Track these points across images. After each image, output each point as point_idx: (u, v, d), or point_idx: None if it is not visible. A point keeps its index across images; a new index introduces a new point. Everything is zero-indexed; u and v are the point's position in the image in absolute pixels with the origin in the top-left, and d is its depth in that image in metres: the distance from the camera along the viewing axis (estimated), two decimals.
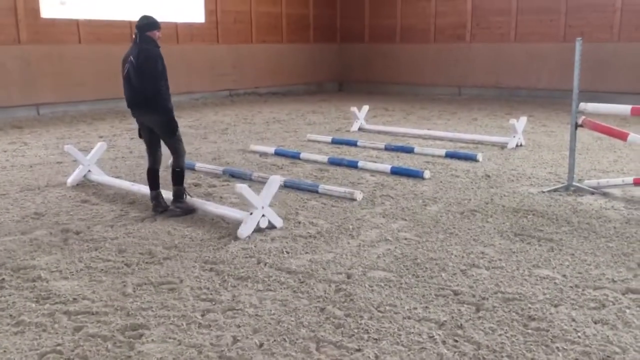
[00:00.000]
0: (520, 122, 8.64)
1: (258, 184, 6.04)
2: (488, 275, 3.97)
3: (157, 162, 5.49)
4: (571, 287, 3.77)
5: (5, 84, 11.50)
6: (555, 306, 3.50)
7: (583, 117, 6.01)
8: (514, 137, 8.56)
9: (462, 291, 3.71)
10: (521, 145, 8.61)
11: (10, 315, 3.42)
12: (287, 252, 4.41)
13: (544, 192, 6.07)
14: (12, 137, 9.50)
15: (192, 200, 5.47)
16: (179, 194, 5.36)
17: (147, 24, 5.18)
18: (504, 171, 7.05)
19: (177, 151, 5.35)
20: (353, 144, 8.80)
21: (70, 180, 6.47)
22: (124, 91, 5.33)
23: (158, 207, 5.40)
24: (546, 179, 6.67)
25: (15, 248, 4.52)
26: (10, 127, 10.49)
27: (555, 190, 6.10)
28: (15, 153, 8.27)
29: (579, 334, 3.18)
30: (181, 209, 5.33)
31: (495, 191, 6.14)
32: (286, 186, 6.21)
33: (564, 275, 3.94)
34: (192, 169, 7.10)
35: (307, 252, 4.41)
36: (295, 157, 7.86)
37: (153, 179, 5.43)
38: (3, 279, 3.94)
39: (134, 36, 5.25)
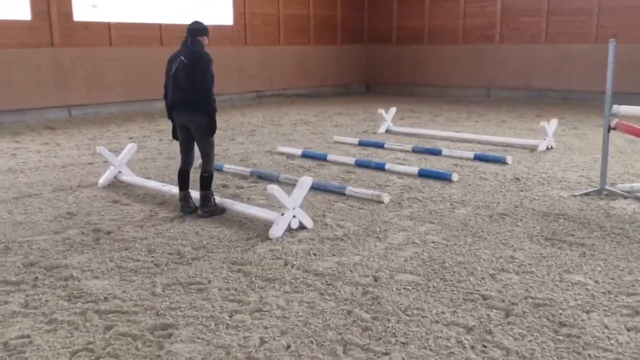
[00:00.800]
0: (551, 125, 8.51)
1: (285, 185, 6.06)
2: (518, 280, 3.91)
3: (189, 163, 5.54)
4: (603, 293, 3.70)
5: (39, 86, 11.76)
6: (587, 312, 3.43)
7: (616, 119, 5.89)
8: (545, 139, 8.44)
9: (491, 296, 3.67)
10: (552, 148, 8.49)
11: (44, 314, 3.49)
12: (314, 254, 4.41)
13: (575, 195, 5.97)
14: (46, 138, 9.70)
15: (222, 201, 5.51)
16: (206, 198, 5.39)
17: (199, 29, 5.35)
18: (534, 174, 6.96)
19: (208, 156, 5.38)
20: (380, 146, 8.77)
21: (101, 180, 6.58)
22: (168, 90, 5.39)
23: (186, 207, 5.46)
24: (578, 182, 6.56)
25: (48, 247, 4.62)
26: (44, 128, 10.72)
27: (587, 194, 5.99)
28: (49, 154, 8.44)
29: (612, 341, 3.11)
30: (209, 213, 5.37)
31: (525, 194, 6.06)
32: (313, 188, 6.21)
33: (596, 281, 3.87)
34: (220, 170, 7.16)
35: (334, 255, 4.41)
36: (322, 159, 7.87)
37: (183, 180, 5.49)
38: (37, 277, 4.02)
39: (184, 38, 5.35)
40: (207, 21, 5.86)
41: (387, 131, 10.22)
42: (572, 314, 3.41)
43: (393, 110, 10.47)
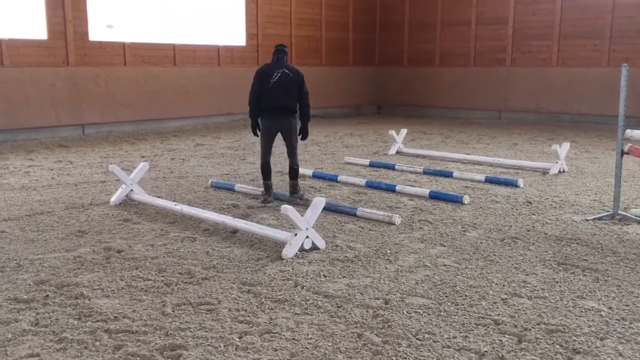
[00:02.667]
0: (563, 148, 8.48)
1: (296, 206, 6.05)
2: (530, 305, 3.87)
3: (270, 155, 6.58)
4: (618, 320, 3.64)
5: (53, 104, 11.90)
6: (601, 339, 3.38)
7: (629, 144, 5.87)
8: (557, 162, 8.40)
9: (503, 321, 3.62)
10: (564, 171, 8.44)
11: (54, 332, 3.49)
12: (325, 276, 4.39)
13: (588, 220, 5.92)
14: (59, 156, 9.79)
15: (235, 221, 5.51)
16: (296, 186, 6.58)
17: (286, 50, 6.52)
18: (546, 198, 6.91)
19: (296, 151, 6.57)
20: (391, 167, 8.77)
21: (113, 199, 6.61)
22: (267, 96, 6.33)
23: (269, 198, 6.45)
24: (590, 206, 6.51)
25: (59, 265, 4.63)
26: (57, 146, 10.82)
27: (600, 218, 5.94)
28: (61, 171, 8.51)
29: None
30: (300, 198, 6.47)
31: (537, 218, 6.02)
32: (324, 208, 6.20)
33: (610, 308, 3.82)
34: (232, 189, 7.18)
35: (344, 276, 4.39)
36: (333, 179, 7.88)
37: (267, 170, 6.55)
38: (47, 295, 4.03)
39: (277, 56, 6.44)
40: (219, 41, 6.28)
41: (398, 152, 10.22)
42: (585, 341, 3.36)
43: (404, 131, 10.48)
